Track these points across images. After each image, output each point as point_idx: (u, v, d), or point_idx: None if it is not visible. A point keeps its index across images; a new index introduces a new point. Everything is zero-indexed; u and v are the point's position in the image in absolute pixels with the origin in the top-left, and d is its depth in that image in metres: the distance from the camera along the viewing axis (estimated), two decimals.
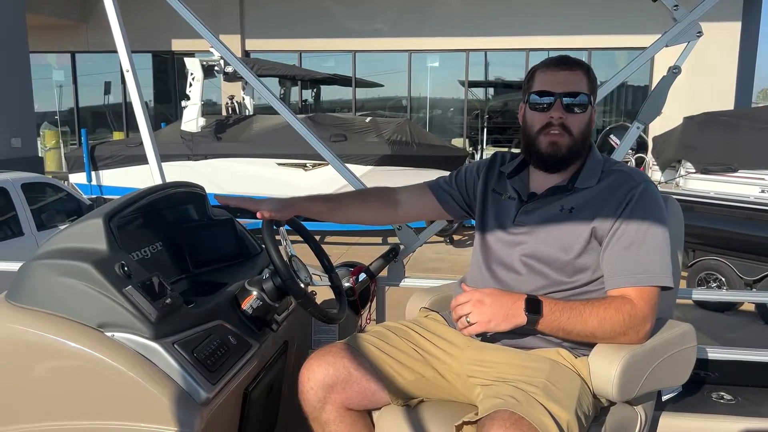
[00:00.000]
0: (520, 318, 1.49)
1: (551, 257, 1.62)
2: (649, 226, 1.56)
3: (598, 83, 1.76)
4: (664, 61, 2.40)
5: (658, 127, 7.83)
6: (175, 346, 1.47)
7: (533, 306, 1.49)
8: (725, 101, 11.90)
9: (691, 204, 6.28)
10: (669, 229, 1.61)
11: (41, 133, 14.27)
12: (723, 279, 6.43)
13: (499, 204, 1.78)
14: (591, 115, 1.67)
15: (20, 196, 5.38)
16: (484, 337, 1.64)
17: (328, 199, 1.96)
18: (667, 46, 2.30)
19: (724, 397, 2.05)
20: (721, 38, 11.72)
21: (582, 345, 1.59)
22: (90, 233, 1.54)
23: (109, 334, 1.44)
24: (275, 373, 1.91)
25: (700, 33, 2.26)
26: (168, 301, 1.51)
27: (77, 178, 9.62)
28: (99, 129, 16.26)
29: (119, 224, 1.62)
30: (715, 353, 2.21)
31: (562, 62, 1.65)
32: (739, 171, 6.59)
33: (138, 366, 1.42)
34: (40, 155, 12.33)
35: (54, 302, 1.46)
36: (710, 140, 6.87)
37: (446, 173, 2.03)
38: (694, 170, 6.95)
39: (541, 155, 1.67)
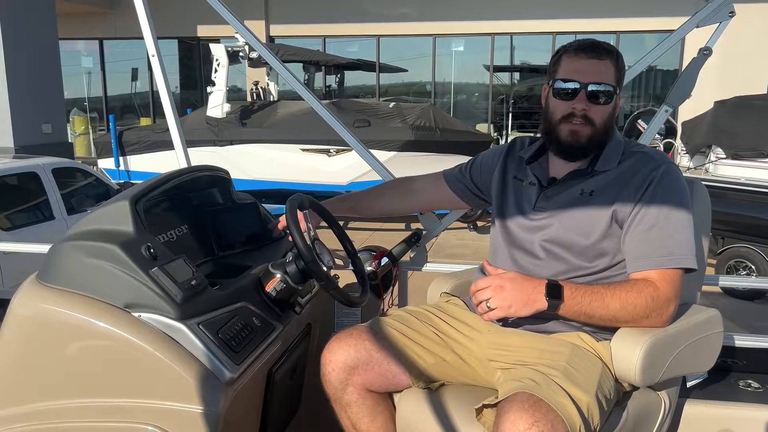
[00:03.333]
0: (541, 303, 1.48)
1: (571, 242, 1.61)
2: (671, 208, 1.54)
3: (626, 67, 1.72)
4: (694, 43, 2.34)
5: (687, 112, 7.69)
6: (200, 326, 1.49)
7: (554, 291, 1.48)
8: (758, 85, 11.59)
9: (721, 190, 6.15)
10: (694, 213, 1.58)
11: (71, 119, 14.53)
12: (753, 267, 6.30)
13: (519, 190, 1.77)
14: (615, 104, 1.64)
15: (51, 181, 5.50)
16: (505, 322, 1.63)
17: (349, 199, 2.12)
18: (698, 26, 2.25)
19: (752, 385, 2.02)
20: (755, 19, 11.41)
21: (604, 329, 1.58)
22: (117, 215, 1.57)
23: (135, 314, 1.47)
24: (298, 355, 1.93)
25: (732, 13, 2.21)
26: (193, 282, 1.53)
27: (106, 164, 9.78)
28: (126, 115, 16.48)
29: (146, 207, 1.64)
30: (743, 340, 2.18)
31: (591, 49, 1.61)
32: None
33: (164, 346, 1.44)
34: (69, 141, 12.55)
35: (82, 282, 1.49)
36: (742, 125, 6.71)
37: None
38: (724, 156, 6.81)
39: (560, 144, 1.65)
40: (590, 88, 1.59)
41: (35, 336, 1.52)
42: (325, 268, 1.69)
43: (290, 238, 1.68)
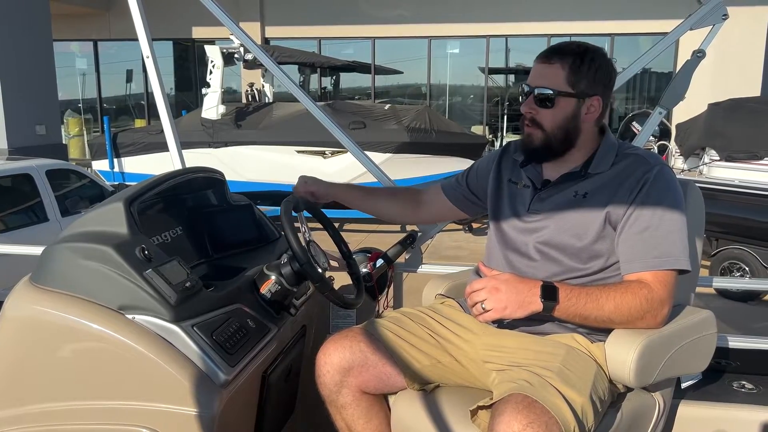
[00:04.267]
0: (536, 305, 1.48)
1: (565, 244, 1.62)
2: (665, 210, 1.55)
3: (620, 69, 1.73)
4: (688, 46, 2.36)
5: (681, 114, 7.72)
6: (195, 328, 1.48)
7: (549, 293, 1.49)
8: (752, 88, 11.66)
9: (714, 192, 6.17)
10: (688, 215, 1.59)
11: (65, 121, 14.48)
12: (747, 268, 6.32)
13: (514, 192, 1.77)
14: (574, 108, 1.60)
15: (45, 183, 5.47)
16: (500, 323, 1.63)
17: (362, 190, 2.11)
18: (691, 29, 2.26)
19: (746, 386, 2.02)
20: (749, 22, 11.47)
21: (598, 330, 1.58)
22: (111, 217, 1.56)
23: (129, 316, 1.47)
24: (293, 357, 1.92)
25: (725, 16, 2.22)
26: (188, 284, 1.53)
27: (100, 165, 9.75)
28: (121, 117, 16.44)
29: (140, 208, 1.64)
30: (737, 342, 2.19)
31: (545, 53, 1.64)
32: (765, 159, 6.46)
33: (158, 348, 1.44)
34: (63, 142, 12.51)
35: (76, 284, 1.48)
36: (735, 127, 6.74)
37: (465, 161, 2.04)
38: (718, 158, 6.83)
39: (521, 145, 1.72)
40: (536, 91, 1.62)
41: (28, 338, 1.51)
42: (320, 270, 1.69)
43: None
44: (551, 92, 1.60)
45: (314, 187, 1.97)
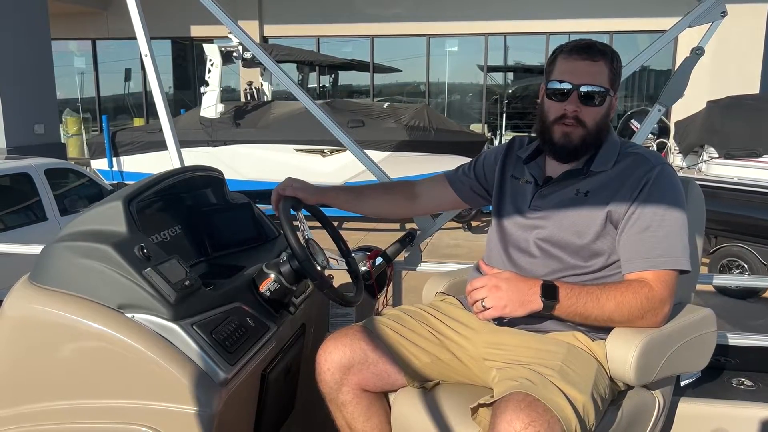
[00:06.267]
0: (536, 304, 1.48)
1: (566, 241, 1.62)
2: (666, 209, 1.54)
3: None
4: (687, 44, 2.36)
5: (680, 111, 7.72)
6: (194, 327, 1.48)
7: (549, 292, 1.49)
8: (750, 85, 11.66)
9: (713, 190, 6.17)
10: (689, 213, 1.59)
11: (63, 120, 14.47)
12: (746, 266, 6.32)
13: (516, 188, 1.77)
14: (609, 106, 1.63)
15: (44, 182, 5.47)
16: (500, 321, 1.63)
17: (352, 191, 2.04)
18: (690, 26, 2.26)
19: (745, 383, 2.03)
20: (747, 20, 11.46)
21: (599, 329, 1.58)
22: (110, 216, 1.56)
23: (129, 315, 1.47)
24: (293, 356, 1.92)
25: (724, 13, 2.22)
26: (187, 283, 1.53)
27: (99, 164, 9.74)
28: (120, 115, 16.41)
29: (139, 207, 1.64)
30: (736, 339, 2.19)
31: (585, 50, 1.61)
32: (764, 156, 6.46)
33: (157, 346, 1.44)
34: (62, 141, 12.49)
35: (75, 283, 1.48)
36: (734, 125, 6.74)
37: (464, 159, 2.03)
38: (717, 155, 6.83)
39: (553, 145, 1.66)
40: (582, 89, 1.59)
41: (28, 337, 1.51)
42: (319, 268, 1.69)
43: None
44: (603, 90, 1.59)
45: (301, 193, 1.84)
